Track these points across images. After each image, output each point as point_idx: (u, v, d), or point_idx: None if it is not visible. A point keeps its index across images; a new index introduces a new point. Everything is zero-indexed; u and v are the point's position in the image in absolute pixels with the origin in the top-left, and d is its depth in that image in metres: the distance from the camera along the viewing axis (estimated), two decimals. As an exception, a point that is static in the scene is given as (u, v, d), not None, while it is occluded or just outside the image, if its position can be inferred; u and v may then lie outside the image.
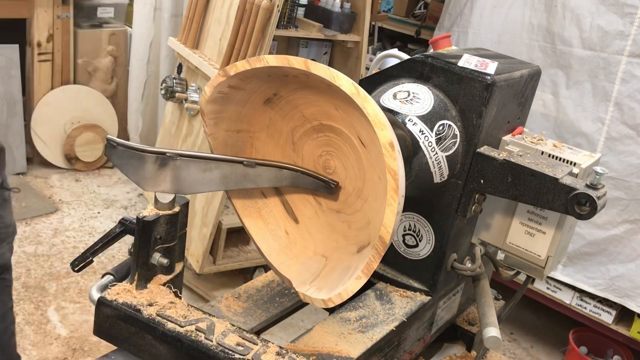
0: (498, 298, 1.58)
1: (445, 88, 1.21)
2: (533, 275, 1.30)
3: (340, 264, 1.04)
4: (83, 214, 3.55)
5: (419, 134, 1.16)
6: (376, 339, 1.10)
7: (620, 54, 2.52)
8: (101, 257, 3.08)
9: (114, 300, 1.02)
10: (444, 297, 1.37)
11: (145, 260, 1.02)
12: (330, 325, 1.12)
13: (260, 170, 1.03)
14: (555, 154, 1.27)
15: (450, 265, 1.29)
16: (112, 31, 4.06)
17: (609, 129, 2.59)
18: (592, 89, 2.62)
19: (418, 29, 4.28)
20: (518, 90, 1.29)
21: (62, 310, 2.77)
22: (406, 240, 1.31)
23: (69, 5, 3.77)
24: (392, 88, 1.23)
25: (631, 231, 2.61)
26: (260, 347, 0.96)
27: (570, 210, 1.13)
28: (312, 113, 1.05)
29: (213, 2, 2.89)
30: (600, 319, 2.79)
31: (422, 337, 1.33)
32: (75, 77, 3.99)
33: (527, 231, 1.26)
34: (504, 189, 1.19)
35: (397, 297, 1.26)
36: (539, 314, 3.29)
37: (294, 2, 2.89)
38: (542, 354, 3.11)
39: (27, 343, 2.53)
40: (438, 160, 1.18)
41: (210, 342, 0.96)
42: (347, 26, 3.09)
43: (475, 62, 1.22)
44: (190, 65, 2.94)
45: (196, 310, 1.03)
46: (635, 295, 2.64)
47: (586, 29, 2.59)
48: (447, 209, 1.24)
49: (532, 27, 2.79)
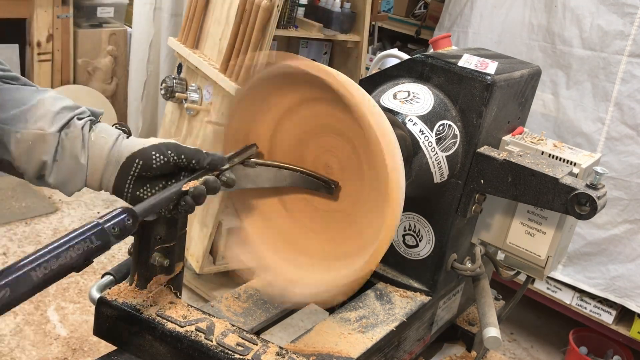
0: (498, 298, 1.58)
1: (446, 88, 1.21)
2: (533, 275, 1.30)
3: (337, 263, 1.04)
4: (83, 214, 3.54)
5: (419, 134, 1.16)
6: (376, 339, 1.10)
7: (621, 54, 2.51)
8: (101, 257, 3.07)
9: (114, 300, 1.02)
10: (444, 297, 1.36)
11: (145, 260, 1.02)
12: (330, 325, 1.12)
13: (260, 170, 1.03)
14: (555, 154, 1.27)
15: (450, 265, 1.29)
16: (112, 31, 4.06)
17: (609, 129, 2.59)
18: (592, 89, 2.62)
19: (418, 29, 4.28)
20: (518, 90, 1.29)
21: (62, 310, 2.77)
22: (406, 240, 1.31)
23: (69, 5, 3.77)
24: (392, 88, 1.23)
25: (631, 231, 2.61)
26: (260, 347, 0.96)
27: (570, 210, 1.13)
28: (312, 112, 1.05)
29: (213, 2, 2.89)
30: (600, 319, 2.79)
31: (422, 337, 1.32)
32: (75, 77, 3.99)
33: (527, 231, 1.26)
34: (504, 189, 1.19)
35: (397, 297, 1.26)
36: (539, 314, 3.29)
37: (294, 2, 2.89)
38: (542, 354, 3.11)
39: (27, 343, 2.53)
40: (438, 160, 1.18)
41: (210, 342, 0.96)
42: (347, 26, 3.09)
43: (475, 62, 1.22)
44: (190, 65, 2.94)
45: (196, 310, 1.03)
46: (635, 295, 2.64)
47: (586, 29, 2.59)
48: (447, 209, 1.24)
49: (532, 27, 2.79)
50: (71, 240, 0.75)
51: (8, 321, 2.63)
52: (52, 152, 0.89)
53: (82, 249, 0.75)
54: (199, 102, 2.88)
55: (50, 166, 0.90)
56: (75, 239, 0.75)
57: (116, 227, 0.79)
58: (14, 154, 0.89)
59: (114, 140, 0.92)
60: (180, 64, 3.09)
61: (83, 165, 0.91)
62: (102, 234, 0.78)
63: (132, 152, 0.91)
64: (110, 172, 0.91)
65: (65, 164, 0.90)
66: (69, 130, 0.90)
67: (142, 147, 0.91)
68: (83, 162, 0.90)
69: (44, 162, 0.89)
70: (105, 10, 4.08)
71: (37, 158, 0.89)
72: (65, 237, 0.75)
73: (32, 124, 0.89)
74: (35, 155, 0.89)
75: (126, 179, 0.91)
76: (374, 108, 0.92)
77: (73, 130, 0.90)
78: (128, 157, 0.91)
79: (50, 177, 0.91)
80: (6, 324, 2.62)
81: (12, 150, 0.89)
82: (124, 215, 0.81)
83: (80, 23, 3.95)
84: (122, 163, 0.91)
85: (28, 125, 0.88)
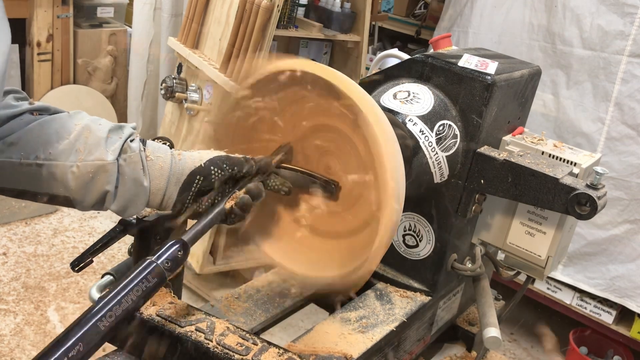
0: (498, 298, 1.57)
1: (446, 88, 1.21)
2: (533, 275, 1.30)
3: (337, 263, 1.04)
4: (83, 214, 3.54)
5: (419, 134, 1.16)
6: (376, 339, 1.10)
7: (621, 54, 2.51)
8: (101, 257, 3.08)
9: (114, 301, 1.02)
10: (444, 298, 1.36)
11: (145, 260, 1.02)
12: (330, 325, 1.12)
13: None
14: (555, 154, 1.27)
15: (451, 265, 1.29)
16: (111, 31, 4.06)
17: (609, 129, 2.59)
18: (592, 89, 2.62)
19: (418, 29, 4.28)
20: (518, 90, 1.29)
21: (62, 311, 2.77)
22: (406, 240, 1.31)
23: (69, 5, 3.76)
24: (392, 88, 1.23)
25: (631, 231, 2.61)
26: (260, 347, 0.96)
27: (570, 210, 1.12)
28: (312, 112, 1.05)
29: (213, 2, 2.88)
30: (600, 319, 2.79)
31: (422, 337, 1.32)
32: (75, 77, 3.98)
33: (527, 231, 1.26)
34: (504, 189, 1.19)
35: (397, 298, 1.26)
36: (539, 314, 3.29)
37: (294, 2, 2.89)
38: (542, 354, 3.11)
39: (27, 343, 2.53)
40: (438, 160, 1.17)
41: (210, 342, 0.96)
42: (347, 26, 3.09)
43: (475, 62, 1.22)
44: (190, 65, 2.94)
45: (196, 310, 1.03)
46: (635, 295, 2.64)
47: (586, 29, 2.59)
48: (447, 209, 1.24)
49: (532, 27, 2.79)
50: (129, 284, 0.78)
51: (8, 321, 2.63)
52: (114, 180, 0.89)
53: (140, 290, 0.78)
54: (199, 102, 2.88)
55: (113, 194, 0.90)
56: (133, 283, 0.78)
57: (169, 261, 0.82)
58: (72, 188, 0.88)
59: (170, 159, 0.93)
60: (180, 64, 3.09)
61: (146, 187, 0.91)
62: (157, 272, 0.81)
63: (192, 170, 0.93)
64: (172, 191, 0.93)
65: (127, 189, 0.90)
66: (127, 156, 0.90)
67: (200, 163, 0.93)
68: (146, 184, 0.91)
69: (107, 191, 0.89)
70: (105, 10, 4.07)
71: (98, 189, 0.89)
72: (123, 282, 0.78)
73: (87, 155, 0.88)
74: (97, 186, 0.88)
75: (188, 195, 0.93)
76: (374, 108, 0.92)
77: (131, 155, 0.90)
78: (189, 174, 0.93)
79: (113, 204, 0.91)
80: (6, 324, 2.61)
81: (70, 186, 0.88)
82: (175, 247, 0.84)
83: (80, 23, 3.95)
84: (183, 181, 0.92)
85: (83, 157, 0.88)
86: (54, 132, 0.89)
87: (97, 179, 0.88)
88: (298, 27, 2.96)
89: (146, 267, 0.80)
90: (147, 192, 0.91)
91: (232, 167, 0.95)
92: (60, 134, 0.89)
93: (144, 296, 0.79)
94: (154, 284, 0.80)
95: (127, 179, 0.90)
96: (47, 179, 0.88)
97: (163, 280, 0.81)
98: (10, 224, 3.31)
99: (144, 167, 0.91)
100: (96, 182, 0.88)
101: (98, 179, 0.88)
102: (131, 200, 0.91)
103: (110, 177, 0.88)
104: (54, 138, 0.88)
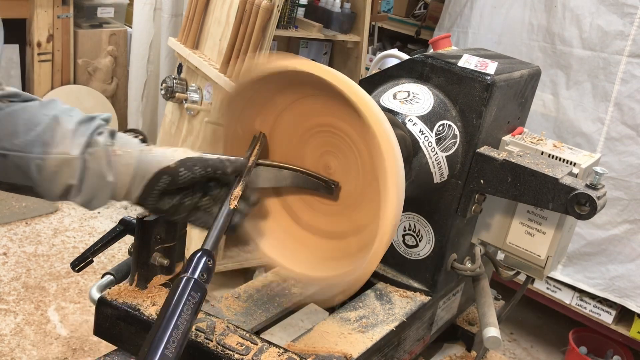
0: (498, 298, 1.58)
1: (445, 88, 1.21)
2: (533, 275, 1.30)
3: (337, 263, 1.04)
4: (83, 214, 3.54)
5: (419, 134, 1.16)
6: (376, 339, 1.10)
7: (620, 54, 2.52)
8: (101, 257, 3.08)
9: (114, 300, 1.03)
10: (444, 297, 1.37)
11: (145, 260, 1.02)
12: (330, 325, 1.12)
13: (260, 170, 1.03)
14: (555, 154, 1.27)
15: (450, 265, 1.29)
16: (112, 31, 4.06)
17: (608, 129, 2.59)
18: (592, 89, 2.62)
19: (418, 29, 4.28)
20: (518, 90, 1.29)
21: (62, 310, 2.77)
22: (406, 240, 1.31)
23: (69, 5, 3.77)
24: (392, 88, 1.23)
25: (631, 231, 2.61)
26: (260, 346, 0.96)
27: (570, 210, 1.13)
28: (312, 112, 1.05)
29: (213, 2, 2.89)
30: (600, 319, 2.79)
31: (422, 337, 1.33)
32: (75, 77, 3.99)
33: (527, 231, 1.26)
34: (504, 189, 1.19)
35: (397, 297, 1.26)
36: (539, 314, 3.29)
37: (294, 2, 2.89)
38: (542, 354, 3.11)
39: (27, 343, 2.53)
40: (438, 160, 1.18)
41: (210, 342, 0.96)
42: (347, 26, 3.09)
43: (475, 62, 1.22)
44: (190, 66, 2.94)
45: (196, 310, 1.03)
46: (635, 295, 2.64)
47: (586, 29, 2.59)
48: (447, 209, 1.24)
49: (532, 27, 2.79)
50: (178, 306, 0.79)
51: (8, 321, 2.63)
52: (78, 175, 0.87)
53: (189, 307, 0.80)
54: (199, 102, 2.88)
55: (77, 188, 0.88)
56: (180, 304, 0.80)
57: (204, 273, 0.84)
58: (36, 180, 0.87)
59: (137, 154, 0.91)
60: (180, 64, 3.09)
61: (110, 182, 0.90)
62: (198, 286, 0.82)
63: (160, 169, 0.91)
64: (136, 186, 0.91)
65: (92, 184, 0.89)
66: (93, 150, 0.88)
67: (168, 164, 0.91)
68: (110, 179, 0.89)
69: (70, 185, 0.88)
70: (106, 11, 4.08)
71: (62, 182, 0.88)
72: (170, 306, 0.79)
73: (52, 148, 0.86)
74: (61, 180, 0.87)
75: (151, 192, 0.92)
76: (373, 108, 0.92)
77: (97, 150, 0.88)
78: (156, 173, 0.91)
79: (77, 197, 0.90)
80: (6, 324, 2.62)
81: (34, 177, 0.87)
82: (204, 259, 0.85)
83: (80, 23, 3.95)
84: (149, 178, 0.91)
85: (48, 150, 0.86)
86: (22, 122, 0.87)
87: (62, 173, 0.87)
88: (298, 27, 2.96)
89: (187, 284, 0.82)
90: (110, 187, 0.90)
91: (205, 169, 0.93)
92: (28, 125, 0.87)
93: (194, 311, 0.81)
94: (198, 298, 0.82)
95: (92, 173, 0.88)
96: (12, 169, 0.87)
97: (205, 293, 0.83)
98: (11, 224, 3.31)
99: (110, 162, 0.89)
100: (60, 175, 0.87)
101: (62, 173, 0.87)
102: (95, 195, 0.90)
103: (74, 171, 0.87)
104: (21, 129, 0.87)
